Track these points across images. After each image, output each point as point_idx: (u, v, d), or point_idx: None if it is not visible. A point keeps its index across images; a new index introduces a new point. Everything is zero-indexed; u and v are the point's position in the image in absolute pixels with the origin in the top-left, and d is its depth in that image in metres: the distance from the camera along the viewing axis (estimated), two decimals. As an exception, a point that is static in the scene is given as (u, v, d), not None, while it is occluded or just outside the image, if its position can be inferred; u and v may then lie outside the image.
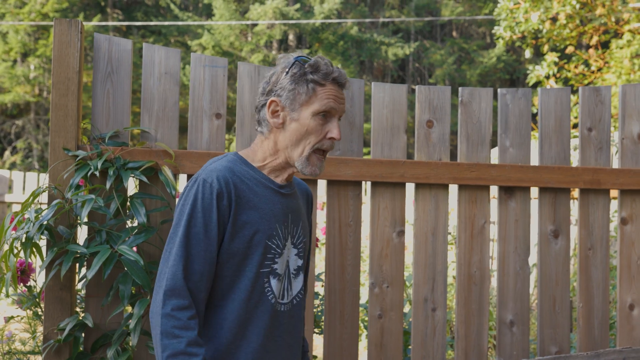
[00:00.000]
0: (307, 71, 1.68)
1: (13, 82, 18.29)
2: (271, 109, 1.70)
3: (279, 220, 1.71)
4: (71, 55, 2.31)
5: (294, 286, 1.77)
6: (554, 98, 2.76)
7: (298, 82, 1.68)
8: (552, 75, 9.00)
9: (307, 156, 1.70)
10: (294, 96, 1.68)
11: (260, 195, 1.69)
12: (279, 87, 1.69)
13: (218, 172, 1.65)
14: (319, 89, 1.68)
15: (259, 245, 1.67)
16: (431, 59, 21.53)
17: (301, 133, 1.68)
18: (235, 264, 1.65)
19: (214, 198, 1.62)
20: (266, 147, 1.74)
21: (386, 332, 2.56)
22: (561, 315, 2.71)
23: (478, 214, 2.66)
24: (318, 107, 1.68)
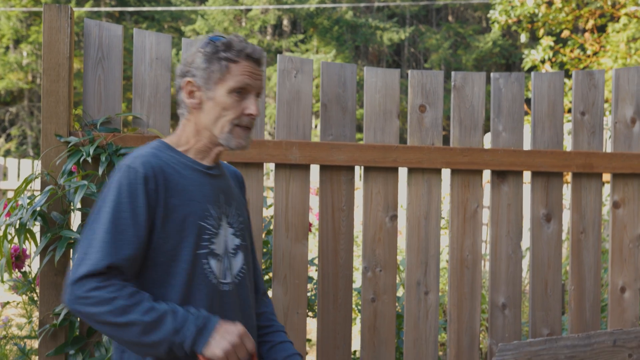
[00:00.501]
0: (219, 49, 1.67)
1: (6, 69, 18.21)
2: (187, 90, 1.69)
3: (210, 201, 1.69)
4: (61, 41, 2.30)
5: (234, 265, 1.74)
6: (547, 82, 2.76)
7: (211, 61, 1.66)
8: (548, 60, 9.00)
9: (228, 131, 1.68)
10: (208, 75, 1.67)
11: (188, 178, 1.68)
12: (193, 68, 1.68)
13: (142, 158, 1.63)
14: (233, 66, 1.67)
15: (192, 227, 1.64)
16: (427, 44, 21.49)
17: (218, 111, 1.67)
18: (171, 249, 1.63)
19: (139, 183, 1.59)
20: (189, 130, 1.72)
21: (379, 315, 2.58)
22: (553, 298, 2.73)
23: (471, 198, 2.67)
24: (233, 84, 1.66)
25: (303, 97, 2.55)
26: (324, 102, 2.57)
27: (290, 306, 2.51)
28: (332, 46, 20.16)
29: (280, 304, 2.50)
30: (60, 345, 2.28)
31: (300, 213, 2.53)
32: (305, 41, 21.23)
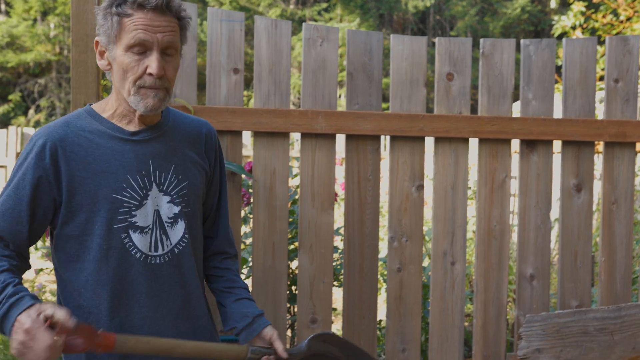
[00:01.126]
0: (113, 3, 1.51)
1: (34, 41, 18.34)
2: (98, 50, 1.57)
3: (131, 171, 1.57)
4: (89, 12, 2.30)
5: (172, 235, 1.63)
6: (579, 49, 2.69)
7: (106, 17, 1.52)
8: (579, 26, 8.80)
9: (134, 93, 1.53)
10: (105, 34, 1.53)
11: (104, 148, 1.56)
12: (98, 26, 1.55)
13: (48, 129, 1.56)
14: (125, 20, 1.50)
15: (104, 200, 1.55)
16: (452, 11, 21.14)
17: (120, 72, 1.53)
18: (82, 223, 1.55)
19: (33, 157, 1.53)
20: (112, 93, 1.61)
21: (405, 286, 2.58)
22: (583, 269, 2.70)
23: (499, 168, 2.64)
24: (127, 42, 1.50)
25: (329, 65, 2.53)
26: (350, 71, 2.54)
27: (316, 275, 2.51)
28: (355, 14, 19.95)
29: (306, 273, 2.50)
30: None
31: (326, 183, 2.52)
32: (328, 10, 21.02)
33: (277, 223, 2.48)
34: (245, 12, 15.44)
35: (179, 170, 1.66)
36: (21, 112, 18.94)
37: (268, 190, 2.48)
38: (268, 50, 2.48)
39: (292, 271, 2.94)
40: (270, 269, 2.48)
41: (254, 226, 2.48)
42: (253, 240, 2.48)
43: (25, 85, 19.29)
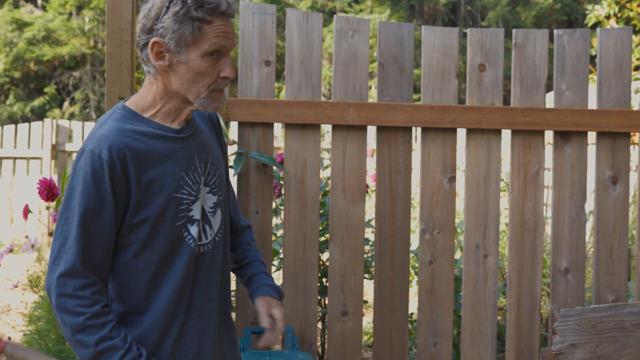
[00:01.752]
0: (191, 8, 1.49)
1: (69, 35, 18.60)
2: (155, 51, 1.53)
3: (184, 168, 1.60)
4: (124, 6, 2.33)
5: (214, 224, 1.68)
6: (614, 39, 2.64)
7: (182, 22, 1.50)
8: (613, 15, 8.63)
9: (205, 97, 1.57)
10: (178, 37, 1.51)
11: (158, 150, 1.57)
12: (160, 27, 1.51)
13: (106, 140, 1.51)
14: (206, 27, 1.51)
15: (169, 201, 1.57)
16: (484, 1, 20.88)
17: (192, 76, 1.54)
18: (148, 227, 1.56)
19: (105, 170, 1.49)
20: (156, 90, 1.59)
21: (437, 278, 2.57)
22: (618, 263, 2.66)
23: (532, 159, 2.61)
24: (207, 48, 1.52)
25: (360, 57, 2.52)
26: (381, 62, 2.53)
27: (347, 267, 2.52)
28: (386, 6, 19.82)
29: (337, 265, 2.51)
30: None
31: (357, 174, 2.52)
32: (359, 1, 20.92)
33: (308, 215, 2.49)
34: (277, 5, 15.42)
35: (213, 160, 1.69)
36: (56, 105, 19.25)
37: (299, 182, 2.48)
38: (299, 42, 2.49)
39: (323, 263, 2.94)
40: (301, 260, 2.49)
41: (285, 218, 2.49)
42: (284, 232, 2.49)
43: (60, 78, 19.60)
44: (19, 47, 18.05)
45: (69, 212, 1.52)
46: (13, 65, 18.32)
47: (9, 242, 7.59)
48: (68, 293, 1.48)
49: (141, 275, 1.59)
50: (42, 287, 2.83)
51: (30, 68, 19.15)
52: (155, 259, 1.59)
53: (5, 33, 18.03)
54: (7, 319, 4.85)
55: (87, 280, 1.50)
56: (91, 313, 1.49)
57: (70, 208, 1.52)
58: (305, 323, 2.50)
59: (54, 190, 2.49)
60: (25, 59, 18.47)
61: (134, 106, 1.60)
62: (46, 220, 7.57)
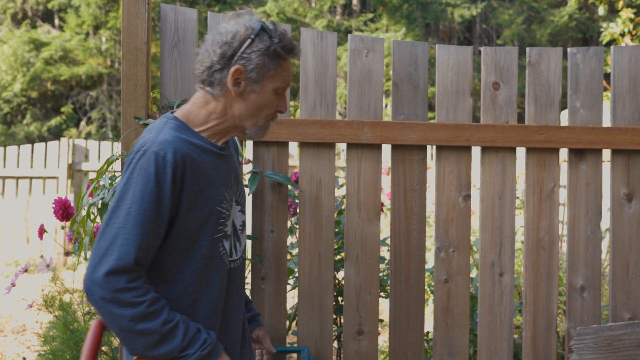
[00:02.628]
0: (276, 46, 1.65)
1: (86, 55, 18.83)
2: (234, 77, 1.64)
3: (224, 184, 1.69)
4: (139, 26, 2.36)
5: (242, 241, 1.78)
6: (627, 56, 2.65)
7: (267, 57, 1.64)
8: (628, 33, 8.61)
9: (261, 125, 1.70)
10: (260, 69, 1.64)
11: (207, 162, 1.65)
12: (245, 57, 1.63)
13: (170, 145, 1.58)
14: (284, 64, 1.67)
15: (211, 213, 1.64)
16: (499, 19, 20.93)
17: (259, 105, 1.67)
18: (191, 235, 1.63)
19: (168, 173, 1.55)
20: (213, 108, 1.68)
21: (452, 297, 2.56)
22: (635, 280, 2.64)
23: (547, 177, 2.60)
24: (279, 84, 1.68)
25: (374, 76, 2.54)
26: (396, 81, 2.55)
27: (363, 286, 2.52)
28: (401, 24, 19.91)
29: (353, 283, 2.51)
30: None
31: (372, 193, 2.53)
32: (374, 20, 21.04)
33: (323, 233, 2.50)
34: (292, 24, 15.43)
35: (240, 180, 1.81)
36: (73, 124, 19.44)
37: (314, 201, 2.50)
38: (314, 61, 2.51)
39: (339, 282, 2.95)
40: (317, 279, 2.50)
41: (300, 237, 2.50)
42: (299, 251, 2.50)
43: (77, 98, 19.80)
44: (36, 67, 18.30)
45: (122, 210, 1.54)
46: (30, 85, 18.56)
47: (24, 262, 7.65)
48: (121, 287, 1.50)
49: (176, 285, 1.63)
50: (57, 307, 2.84)
51: (47, 88, 19.38)
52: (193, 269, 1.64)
53: (23, 53, 18.29)
54: (22, 339, 4.87)
55: (135, 274, 1.53)
56: (149, 300, 1.53)
57: (123, 207, 1.54)
58: (321, 342, 2.50)
59: (69, 210, 2.52)
60: (42, 78, 18.70)
61: (184, 119, 1.69)
62: (62, 240, 7.63)
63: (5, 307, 5.71)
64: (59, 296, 2.85)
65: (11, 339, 4.85)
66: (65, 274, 6.75)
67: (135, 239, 1.52)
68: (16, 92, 18.37)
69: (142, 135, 1.66)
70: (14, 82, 18.31)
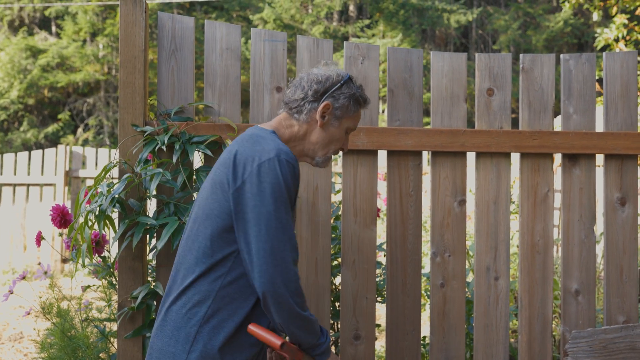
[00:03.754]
0: (360, 95, 1.98)
1: (83, 62, 18.86)
2: (322, 110, 1.93)
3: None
4: (137, 34, 2.39)
5: None
6: (619, 62, 2.68)
7: (352, 100, 1.96)
8: (622, 38, 8.66)
9: (329, 156, 2.00)
10: (344, 108, 1.95)
11: None
12: (335, 96, 1.95)
13: (290, 154, 1.81)
14: (359, 110, 2.01)
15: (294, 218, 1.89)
16: (495, 25, 21.00)
17: (334, 138, 1.97)
18: None
19: (296, 177, 1.81)
20: (295, 131, 1.96)
21: (449, 301, 2.58)
22: (629, 284, 2.66)
23: (541, 182, 2.63)
24: (352, 125, 2.00)
25: (370, 83, 2.57)
26: (391, 88, 2.58)
27: (359, 291, 2.53)
28: (398, 30, 19.98)
29: (349, 288, 2.53)
30: (137, 328, 2.39)
31: (368, 198, 2.55)
32: (371, 26, 21.10)
33: (320, 239, 2.52)
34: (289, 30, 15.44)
35: None
36: (70, 131, 19.44)
37: (311, 207, 2.52)
38: (310, 68, 2.53)
39: (335, 287, 2.96)
40: (314, 285, 2.51)
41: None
42: (296, 256, 2.52)
43: (74, 105, 19.81)
44: (33, 74, 18.31)
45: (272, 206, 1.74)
46: (27, 92, 18.57)
47: (21, 269, 7.64)
48: (295, 278, 1.74)
49: None
50: (55, 314, 2.85)
51: (44, 95, 19.39)
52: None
53: (20, 60, 18.30)
54: (20, 347, 4.87)
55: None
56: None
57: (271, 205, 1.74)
58: (318, 346, 2.51)
59: (67, 217, 2.53)
60: (40, 85, 18.72)
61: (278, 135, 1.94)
62: (59, 247, 7.62)
63: (3, 314, 5.71)
64: (56, 303, 2.85)
65: (8, 347, 4.85)
66: (62, 281, 6.75)
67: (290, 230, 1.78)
68: (13, 99, 18.37)
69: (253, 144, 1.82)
70: (11, 89, 18.31)
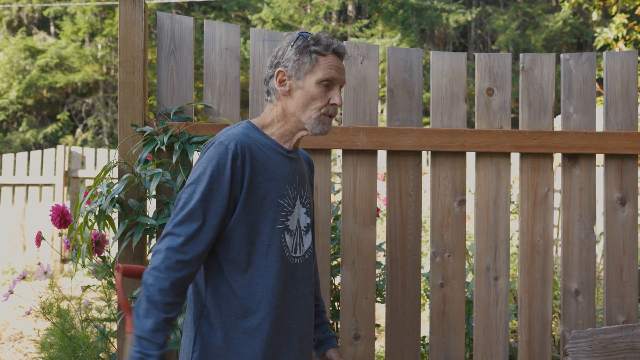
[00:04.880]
0: (310, 43, 1.82)
1: (82, 62, 18.85)
2: (279, 79, 1.84)
3: (288, 182, 1.84)
4: (136, 35, 2.38)
5: (305, 242, 1.90)
6: (620, 62, 2.68)
7: (302, 53, 1.82)
8: (621, 38, 8.67)
9: (315, 118, 1.83)
10: (298, 66, 1.82)
11: (271, 159, 1.82)
12: (285, 59, 1.83)
13: (234, 137, 1.77)
14: (321, 59, 1.82)
15: (272, 203, 1.79)
16: (494, 25, 21.00)
17: (307, 99, 1.82)
18: (252, 220, 1.77)
19: (229, 159, 1.73)
20: (275, 113, 1.87)
21: (448, 301, 2.58)
22: (629, 284, 2.66)
23: (541, 182, 2.63)
24: (321, 76, 1.81)
25: (369, 83, 2.56)
26: (391, 88, 2.57)
27: (359, 291, 2.53)
28: (397, 30, 19.97)
29: (349, 288, 2.53)
30: (138, 327, 2.38)
31: (368, 198, 2.54)
32: (370, 26, 21.10)
33: (320, 239, 2.52)
34: (288, 30, 15.52)
35: (309, 188, 1.96)
36: (69, 132, 19.43)
37: (310, 206, 2.51)
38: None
39: (335, 287, 2.96)
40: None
41: (296, 242, 2.52)
42: (296, 256, 2.51)
43: (73, 105, 19.80)
44: (32, 74, 18.29)
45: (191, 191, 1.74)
46: (26, 93, 18.55)
47: (21, 269, 7.64)
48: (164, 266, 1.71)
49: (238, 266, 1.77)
50: (55, 314, 2.85)
51: (43, 95, 19.37)
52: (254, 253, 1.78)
53: (19, 60, 18.28)
54: (20, 347, 4.87)
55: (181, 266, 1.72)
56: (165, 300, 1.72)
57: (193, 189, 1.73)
58: (318, 346, 2.51)
59: (67, 217, 2.53)
60: (38, 86, 18.70)
61: (257, 124, 1.88)
62: (58, 247, 7.62)
63: (3, 314, 5.71)
64: (56, 303, 2.85)
65: (8, 347, 4.84)
66: (62, 281, 6.75)
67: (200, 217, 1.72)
68: (12, 100, 18.35)
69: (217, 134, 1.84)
70: (10, 89, 18.30)
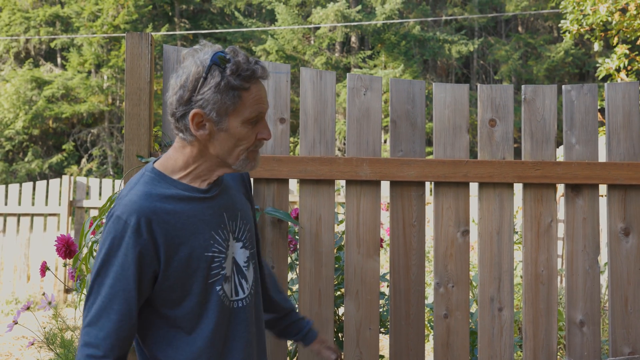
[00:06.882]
0: (229, 79, 1.54)
1: (88, 93, 19.01)
2: (195, 122, 1.56)
3: (212, 227, 1.64)
4: (142, 67, 2.42)
5: (248, 277, 1.72)
6: (621, 93, 2.70)
7: (223, 92, 1.54)
8: (623, 68, 8.73)
9: (244, 158, 1.63)
10: (219, 107, 1.55)
11: (186, 212, 1.60)
12: (200, 98, 1.54)
13: (132, 205, 1.55)
14: (245, 94, 1.56)
15: (199, 260, 1.60)
16: (496, 55, 21.16)
17: (233, 141, 1.59)
18: (180, 287, 1.60)
19: (131, 237, 1.53)
20: (190, 153, 1.62)
21: (452, 332, 2.57)
22: (634, 315, 2.65)
23: (544, 212, 2.63)
24: (247, 114, 1.58)
25: (372, 114, 2.59)
26: (394, 119, 2.60)
27: (363, 322, 2.52)
28: (400, 61, 20.13)
29: (353, 319, 2.52)
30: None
31: (372, 229, 2.55)
32: (373, 57, 21.28)
33: (323, 269, 2.52)
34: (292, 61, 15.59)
35: (242, 215, 1.75)
36: (74, 162, 19.52)
37: (314, 237, 2.52)
38: (313, 100, 2.56)
39: (339, 318, 2.95)
40: (317, 315, 2.51)
41: (300, 273, 2.52)
42: (299, 287, 2.52)
43: (79, 135, 19.92)
44: (38, 105, 18.45)
45: (97, 274, 1.56)
46: (32, 123, 18.69)
47: (25, 299, 7.62)
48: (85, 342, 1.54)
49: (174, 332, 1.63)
50: (58, 344, 2.84)
51: (49, 125, 19.51)
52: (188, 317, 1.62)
53: (25, 91, 18.46)
54: (23, 377, 4.84)
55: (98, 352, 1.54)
56: None
57: (98, 272, 1.56)
58: (321, 378, 2.49)
59: (72, 247, 2.53)
60: (44, 116, 18.85)
61: (162, 168, 1.65)
62: (63, 277, 7.61)
63: (5, 345, 5.68)
64: (60, 333, 2.85)
65: (10, 378, 4.81)
66: (65, 311, 6.72)
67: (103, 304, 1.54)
68: (18, 130, 18.49)
69: (122, 189, 1.65)
70: (16, 120, 18.44)
